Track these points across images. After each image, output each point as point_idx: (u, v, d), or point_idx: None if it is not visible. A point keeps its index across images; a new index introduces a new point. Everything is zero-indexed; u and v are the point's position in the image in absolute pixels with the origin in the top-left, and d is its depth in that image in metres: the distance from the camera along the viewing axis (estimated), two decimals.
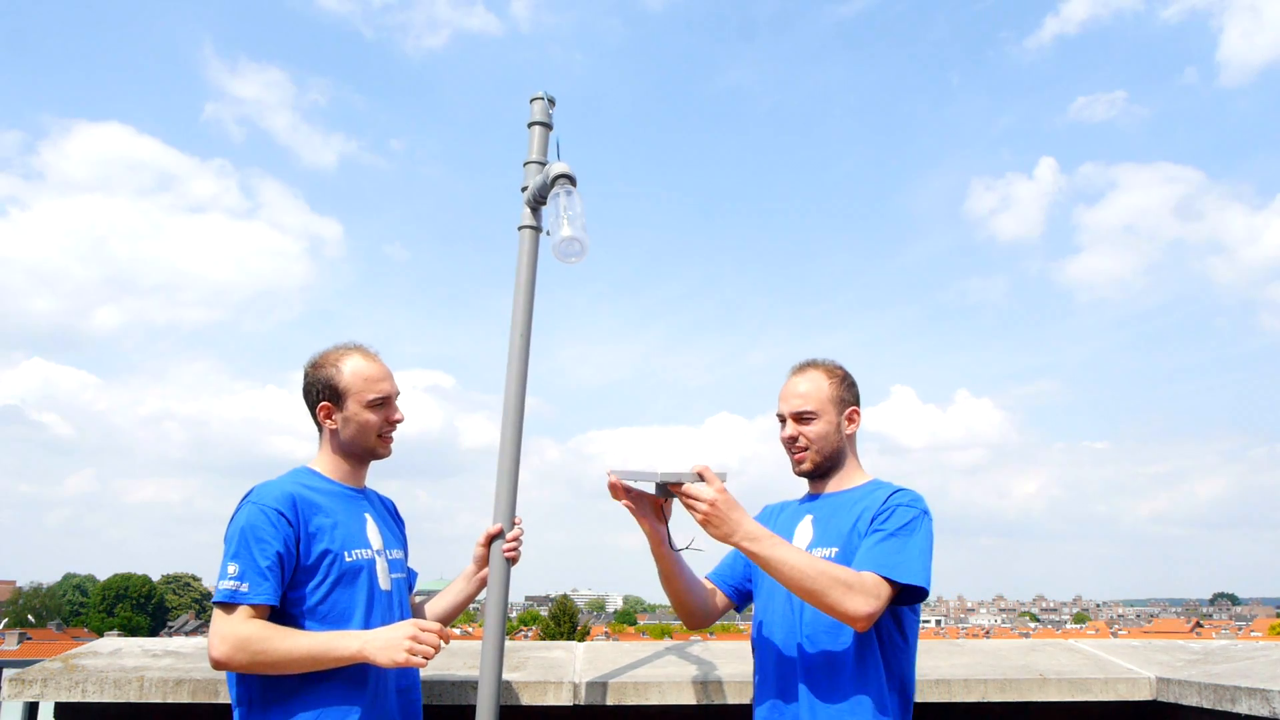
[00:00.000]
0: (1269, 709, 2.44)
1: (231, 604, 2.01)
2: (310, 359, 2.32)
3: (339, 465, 2.30)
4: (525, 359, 2.48)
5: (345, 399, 2.26)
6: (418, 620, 2.08)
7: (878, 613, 2.07)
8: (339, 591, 2.13)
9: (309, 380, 2.29)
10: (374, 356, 2.32)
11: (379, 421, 2.29)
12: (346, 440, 2.28)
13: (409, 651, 2.02)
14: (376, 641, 2.04)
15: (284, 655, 2.00)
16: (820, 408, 2.34)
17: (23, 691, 2.62)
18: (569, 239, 2.35)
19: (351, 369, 2.27)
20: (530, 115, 2.63)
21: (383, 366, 2.32)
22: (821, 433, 2.34)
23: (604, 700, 2.72)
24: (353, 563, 2.16)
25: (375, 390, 2.27)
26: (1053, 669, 2.95)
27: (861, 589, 2.05)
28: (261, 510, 2.08)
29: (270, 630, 2.02)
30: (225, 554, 2.06)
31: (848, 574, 2.07)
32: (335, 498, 2.24)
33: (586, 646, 3.19)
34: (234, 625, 2.00)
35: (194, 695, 2.63)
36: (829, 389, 2.36)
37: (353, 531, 2.21)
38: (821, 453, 2.35)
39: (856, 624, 2.06)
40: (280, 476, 2.24)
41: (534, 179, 2.54)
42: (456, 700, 2.68)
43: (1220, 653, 3.16)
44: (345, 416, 2.26)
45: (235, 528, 2.08)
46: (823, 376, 2.39)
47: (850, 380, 2.42)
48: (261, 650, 1.99)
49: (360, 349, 2.32)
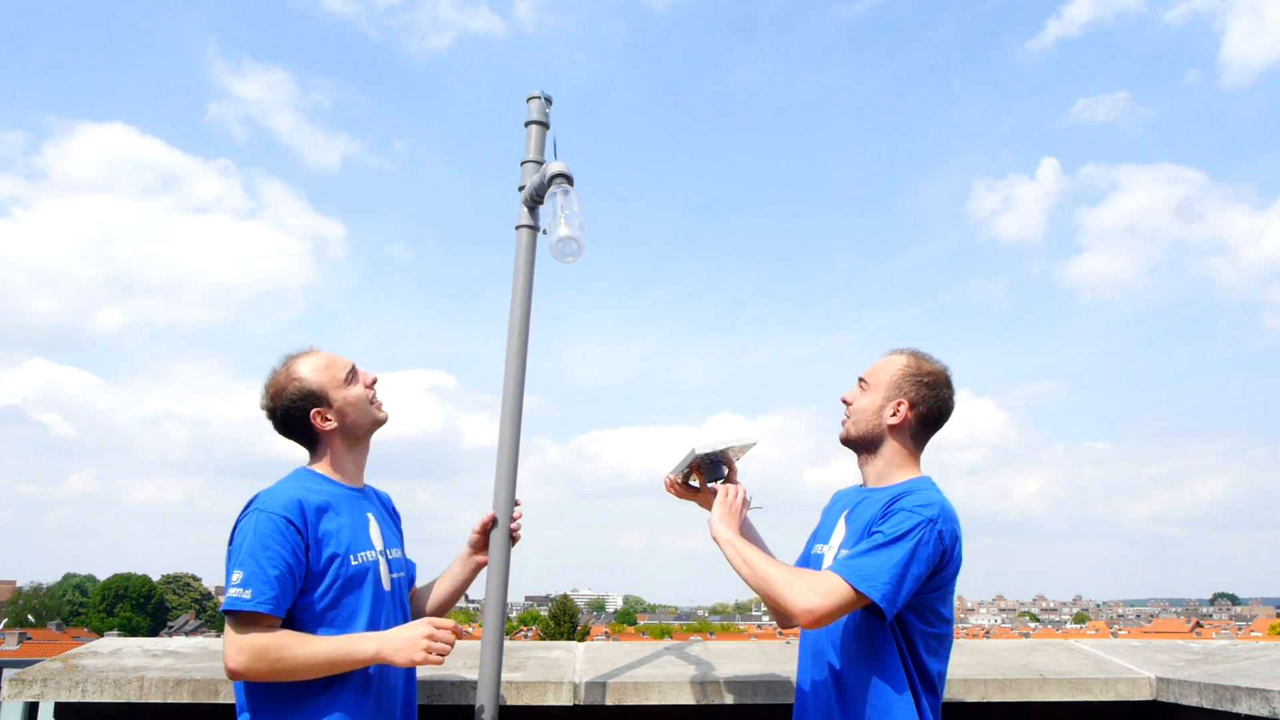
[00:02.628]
0: (1269, 709, 2.43)
1: (241, 614, 1.99)
2: (265, 393, 2.27)
3: (341, 465, 2.29)
4: (523, 359, 2.47)
5: (326, 393, 2.25)
6: (432, 619, 2.08)
7: (825, 612, 2.00)
8: (346, 595, 2.12)
9: (284, 406, 2.24)
10: (312, 349, 2.33)
11: (363, 390, 2.31)
12: (350, 426, 2.27)
13: (426, 650, 2.02)
14: (394, 643, 2.04)
15: (304, 661, 1.99)
16: (876, 384, 2.29)
17: (23, 691, 2.62)
18: (566, 238, 2.35)
19: (309, 368, 2.27)
20: (527, 114, 2.63)
21: (326, 351, 2.34)
22: (863, 406, 2.29)
23: (604, 700, 2.72)
24: (359, 565, 2.16)
25: (341, 369, 2.29)
26: (1053, 669, 2.94)
27: (810, 586, 2.02)
28: (270, 518, 2.05)
29: (287, 637, 2.01)
30: (233, 562, 2.03)
31: (803, 572, 2.11)
32: (340, 499, 2.23)
33: (586, 646, 3.19)
34: (248, 636, 1.98)
35: (194, 695, 2.63)
36: (895, 372, 2.29)
37: (358, 533, 2.20)
38: (856, 425, 2.30)
39: (797, 619, 2.02)
40: (283, 480, 2.21)
41: (531, 178, 2.53)
42: (456, 700, 2.67)
43: (1220, 653, 3.16)
44: (338, 408, 2.26)
45: (242, 536, 2.05)
46: (902, 360, 2.32)
47: (927, 380, 2.28)
48: (280, 658, 1.98)
49: (296, 353, 2.32)
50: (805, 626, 2.03)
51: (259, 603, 1.98)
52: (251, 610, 1.98)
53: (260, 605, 1.98)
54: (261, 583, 1.99)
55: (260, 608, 1.98)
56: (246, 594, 1.98)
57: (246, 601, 1.98)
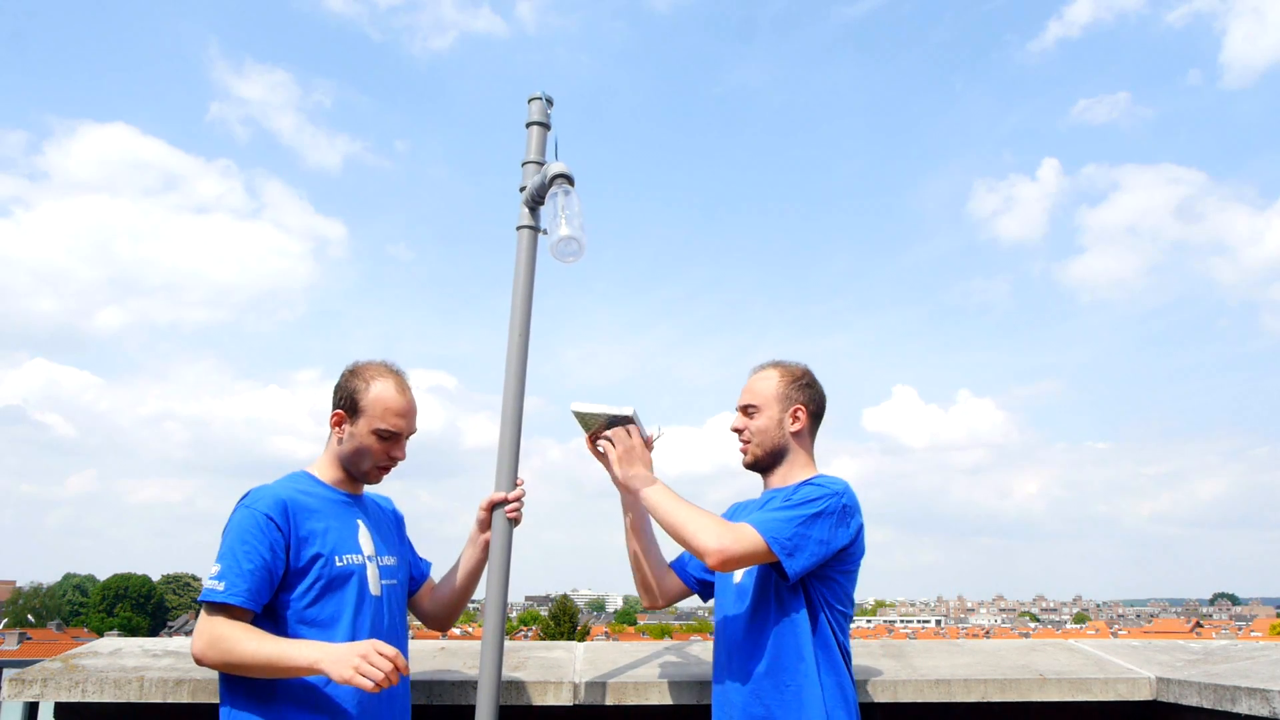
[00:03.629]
0: (1269, 709, 2.43)
1: (212, 603, 2.05)
2: (351, 363, 2.33)
3: (336, 472, 2.31)
4: (524, 359, 2.47)
5: (359, 416, 2.25)
6: (376, 642, 2.00)
7: (735, 555, 2.12)
8: (328, 596, 2.14)
9: (339, 384, 2.31)
10: (407, 388, 2.30)
11: (380, 452, 2.28)
12: (344, 455, 2.29)
13: (356, 669, 1.92)
14: (331, 655, 1.97)
15: (247, 658, 2.01)
16: (764, 402, 2.42)
17: (23, 691, 2.62)
18: (566, 238, 2.35)
19: (377, 391, 2.25)
20: (528, 115, 2.64)
21: (410, 402, 2.30)
22: (762, 426, 2.41)
23: (604, 700, 2.72)
24: (343, 568, 2.17)
25: (390, 423, 2.25)
26: (1053, 669, 2.94)
27: (721, 529, 2.15)
28: (252, 514, 2.11)
29: (239, 631, 2.03)
30: (217, 557, 2.10)
31: (718, 518, 2.22)
32: (329, 504, 2.25)
33: (586, 646, 3.20)
34: (211, 624, 2.04)
35: (194, 695, 2.63)
36: (776, 385, 2.43)
37: (344, 537, 2.22)
38: (762, 446, 2.42)
39: (706, 558, 2.13)
40: (277, 480, 2.26)
41: (532, 179, 2.54)
42: (456, 700, 2.67)
43: (1220, 653, 3.16)
44: (352, 432, 2.26)
45: (226, 529, 2.13)
46: (775, 373, 2.46)
47: (805, 381, 2.45)
48: (229, 650, 2.01)
49: (398, 375, 2.30)
50: (714, 568, 2.16)
51: (230, 594, 2.04)
52: (223, 602, 2.03)
53: (232, 597, 2.03)
54: (236, 576, 2.05)
55: (232, 599, 2.03)
56: (220, 586, 2.04)
57: (219, 593, 2.04)
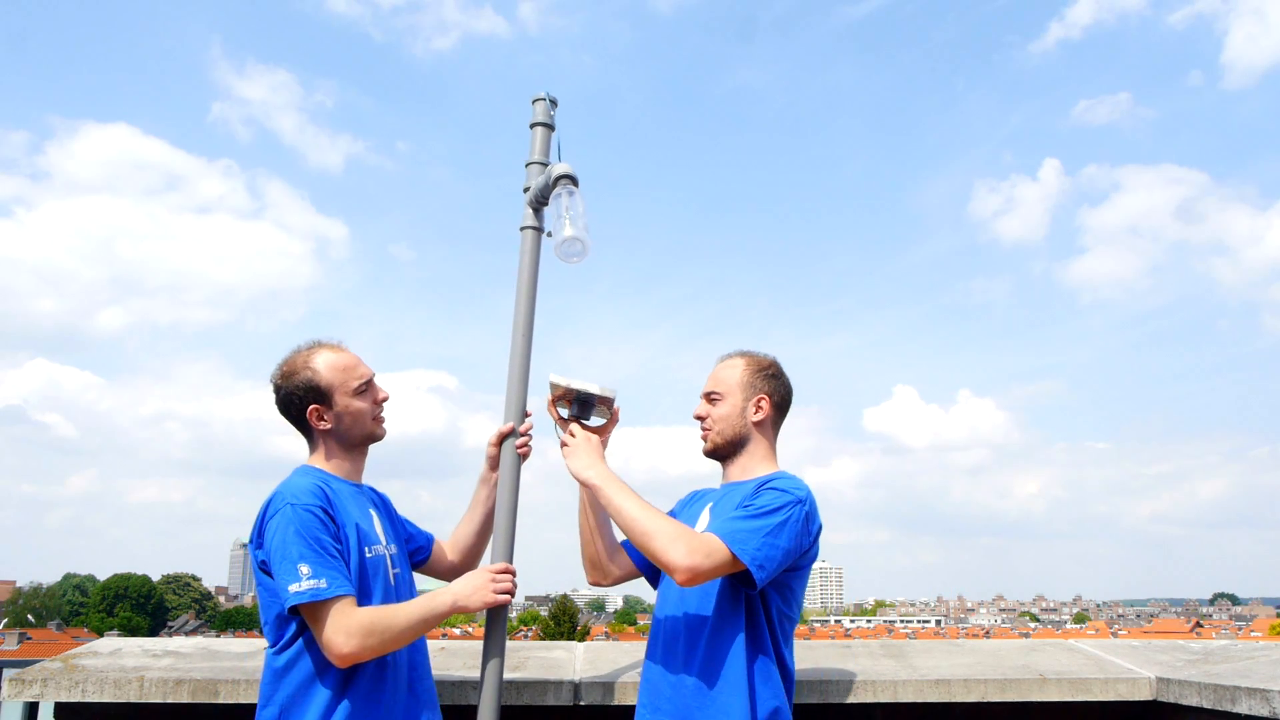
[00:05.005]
0: (1269, 709, 2.44)
1: (321, 602, 2.01)
2: (277, 370, 2.29)
3: (339, 463, 2.30)
4: (527, 359, 2.47)
5: (331, 395, 2.25)
6: (486, 565, 2.21)
7: (702, 570, 2.06)
8: (366, 582, 2.15)
9: (287, 390, 2.26)
10: (340, 346, 2.33)
11: (369, 405, 2.31)
12: (344, 432, 2.29)
13: (495, 591, 2.16)
14: (465, 590, 2.17)
15: (404, 627, 2.07)
16: (727, 390, 2.41)
17: (23, 691, 2.62)
18: (570, 239, 2.36)
19: (327, 364, 2.26)
20: (532, 116, 2.64)
21: (352, 354, 2.33)
22: (724, 414, 2.40)
23: (604, 700, 2.72)
24: (373, 558, 2.20)
25: (357, 377, 2.29)
26: (1053, 669, 2.95)
27: (690, 544, 2.07)
28: (306, 510, 2.08)
29: (380, 610, 2.08)
30: (286, 559, 2.03)
31: (684, 529, 2.13)
32: (349, 496, 2.25)
33: (586, 646, 3.20)
34: (349, 618, 2.01)
35: (194, 695, 2.63)
36: (741, 374, 2.42)
37: (368, 528, 2.23)
38: (722, 434, 2.40)
39: (675, 574, 2.07)
40: (295, 476, 2.21)
41: (536, 180, 2.54)
42: (456, 700, 2.67)
43: (1220, 653, 3.16)
44: (337, 412, 2.26)
45: (285, 533, 2.05)
46: (741, 362, 2.45)
47: (771, 372, 2.43)
48: (387, 628, 2.05)
49: (324, 344, 2.32)
50: (682, 584, 2.10)
51: (339, 587, 2.03)
52: (334, 596, 2.02)
53: (340, 589, 2.03)
54: (329, 569, 2.04)
55: (342, 590, 2.03)
56: (323, 583, 2.01)
57: (326, 590, 2.01)
